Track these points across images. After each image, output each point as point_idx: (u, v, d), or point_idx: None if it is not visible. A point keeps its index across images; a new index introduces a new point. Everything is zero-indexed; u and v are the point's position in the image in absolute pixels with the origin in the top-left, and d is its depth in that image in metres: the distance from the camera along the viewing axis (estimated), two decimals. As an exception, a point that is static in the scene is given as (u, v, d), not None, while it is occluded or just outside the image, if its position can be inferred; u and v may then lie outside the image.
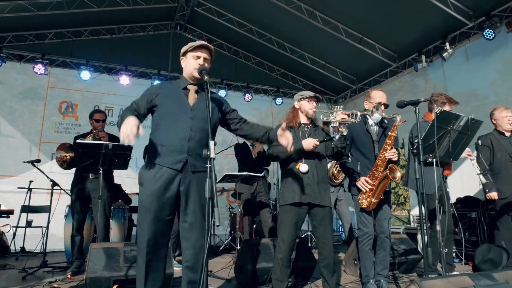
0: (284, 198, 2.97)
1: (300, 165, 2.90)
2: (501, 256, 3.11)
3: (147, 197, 2.21)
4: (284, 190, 3.00)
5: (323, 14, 6.76)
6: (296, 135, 3.05)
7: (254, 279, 3.39)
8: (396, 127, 2.90)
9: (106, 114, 4.49)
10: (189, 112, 2.33)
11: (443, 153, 2.59)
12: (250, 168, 4.79)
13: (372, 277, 3.23)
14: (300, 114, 3.14)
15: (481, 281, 1.61)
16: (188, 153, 2.26)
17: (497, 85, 5.59)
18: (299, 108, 3.15)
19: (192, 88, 2.42)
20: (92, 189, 4.07)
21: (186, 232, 2.27)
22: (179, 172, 2.25)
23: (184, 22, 8.23)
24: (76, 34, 7.49)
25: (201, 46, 2.40)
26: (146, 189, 2.23)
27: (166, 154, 2.26)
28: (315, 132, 3.11)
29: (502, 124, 3.85)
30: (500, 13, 5.41)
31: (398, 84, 7.62)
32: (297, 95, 3.21)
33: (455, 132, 2.57)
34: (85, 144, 3.63)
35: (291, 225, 2.91)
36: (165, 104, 2.36)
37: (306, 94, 3.12)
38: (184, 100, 2.37)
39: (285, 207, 2.96)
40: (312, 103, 3.10)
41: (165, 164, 2.25)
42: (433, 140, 2.36)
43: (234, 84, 8.61)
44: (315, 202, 2.90)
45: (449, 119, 2.54)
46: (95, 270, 2.95)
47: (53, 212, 4.52)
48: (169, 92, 2.41)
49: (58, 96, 7.34)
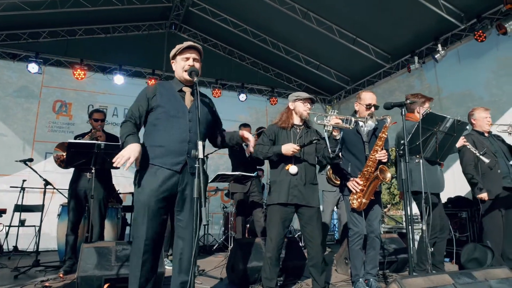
0: (271, 198, 3.05)
1: (289, 167, 2.96)
2: (486, 255, 3.17)
3: (145, 197, 2.22)
4: (272, 190, 3.07)
5: (317, 15, 6.80)
6: (288, 136, 3.09)
7: (245, 278, 3.42)
8: (387, 128, 2.94)
9: (105, 114, 4.50)
10: (188, 114, 2.36)
11: (429, 154, 2.64)
12: (244, 168, 4.81)
13: (362, 276, 3.28)
14: (294, 115, 3.17)
15: (461, 279, 1.65)
16: (187, 155, 2.30)
17: (492, 85, 5.67)
18: (293, 109, 3.18)
19: (187, 90, 2.45)
20: (89, 188, 4.07)
21: (182, 230, 2.31)
22: (177, 173, 2.28)
23: (179, 22, 8.24)
24: (71, 33, 7.47)
25: (188, 47, 2.44)
26: (144, 189, 2.24)
27: (165, 155, 2.28)
28: (307, 134, 3.15)
29: (482, 125, 3.91)
30: (490, 15, 5.48)
31: (395, 85, 7.68)
32: (292, 95, 3.22)
33: (441, 133, 2.62)
34: (77, 143, 3.65)
35: (278, 223, 2.96)
36: (163, 105, 2.36)
37: (301, 95, 3.15)
38: (181, 102, 2.40)
39: (272, 207, 3.02)
40: (306, 104, 3.12)
41: (164, 165, 2.27)
42: (419, 142, 2.40)
43: (229, 84, 8.62)
44: (302, 203, 2.97)
45: (435, 120, 2.58)
46: (86, 269, 2.97)
47: (46, 211, 4.53)
48: (166, 93, 2.42)
49: (52, 95, 7.32)
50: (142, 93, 2.44)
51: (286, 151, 2.92)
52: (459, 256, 4.38)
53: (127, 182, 7.07)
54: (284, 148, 2.94)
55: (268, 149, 3.02)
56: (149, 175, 2.25)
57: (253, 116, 8.87)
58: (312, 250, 2.98)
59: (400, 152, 2.35)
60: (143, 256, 2.20)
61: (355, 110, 3.48)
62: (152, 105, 2.37)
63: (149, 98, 2.39)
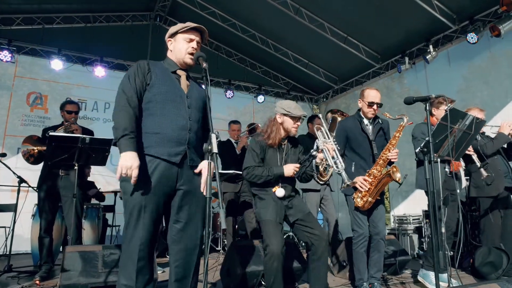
0: (260, 214, 2.77)
1: (276, 189, 2.73)
2: (501, 259, 3.10)
3: (140, 194, 1.92)
4: (260, 206, 2.79)
5: (309, 12, 6.67)
6: (274, 153, 2.84)
7: (243, 283, 3.20)
8: (403, 128, 2.80)
9: (79, 106, 4.15)
10: (186, 100, 2.09)
11: (446, 152, 2.52)
12: (236, 166, 4.59)
13: (366, 280, 3.13)
14: (281, 130, 2.85)
15: None
16: (187, 145, 2.03)
17: (475, 88, 5.74)
18: (281, 122, 2.83)
19: (182, 74, 2.18)
20: (62, 186, 3.71)
21: (177, 233, 2.02)
22: (176, 166, 2.01)
23: (165, 14, 7.91)
24: (47, 20, 6.97)
25: (194, 28, 2.17)
26: (138, 185, 1.91)
27: (161, 144, 1.98)
28: (291, 149, 2.93)
29: None
30: (483, 17, 5.51)
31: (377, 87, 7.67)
32: (281, 107, 2.82)
33: (460, 131, 2.51)
34: (60, 137, 3.30)
35: (277, 233, 2.67)
36: (159, 86, 2.05)
37: (293, 112, 2.76)
38: (178, 85, 2.12)
39: (265, 221, 2.73)
40: (297, 122, 2.82)
41: (161, 155, 1.97)
42: (439, 139, 2.28)
43: (215, 80, 8.36)
44: (292, 220, 2.80)
45: (457, 117, 2.47)
46: (70, 277, 2.66)
47: (19, 211, 4.14)
48: (160, 73, 2.10)
49: (26, 86, 6.81)
50: (135, 68, 2.05)
51: (288, 173, 2.71)
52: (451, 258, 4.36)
53: (104, 180, 6.69)
54: (286, 170, 2.71)
55: (267, 172, 2.73)
56: (142, 167, 1.91)
57: (239, 113, 8.63)
58: (315, 240, 2.72)
59: (424, 150, 2.21)
60: (138, 262, 1.90)
61: (359, 108, 3.34)
62: (147, 81, 2.03)
63: (144, 70, 2.04)
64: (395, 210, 6.94)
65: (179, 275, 2.02)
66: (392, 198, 7.29)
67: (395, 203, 7.07)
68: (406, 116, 2.72)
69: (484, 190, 3.55)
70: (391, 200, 7.32)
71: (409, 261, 4.12)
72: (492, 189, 3.47)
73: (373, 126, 3.26)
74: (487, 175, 3.41)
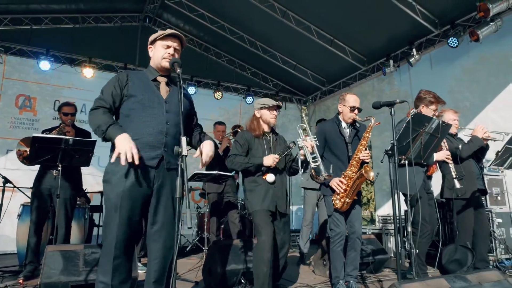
0: (252, 205, 3.02)
1: (266, 176, 3.00)
2: (467, 256, 3.22)
3: (117, 195, 2.02)
4: (251, 199, 3.04)
5: (296, 15, 6.77)
6: (260, 144, 3.14)
7: (224, 281, 3.28)
8: (371, 129, 2.91)
9: (76, 108, 4.20)
10: (164, 105, 2.19)
11: (414, 155, 2.63)
12: (220, 167, 4.66)
13: (342, 278, 3.23)
14: (262, 123, 3.19)
15: (456, 283, 1.62)
16: (164, 148, 2.13)
17: (455, 92, 5.88)
18: (259, 117, 3.20)
19: (162, 80, 2.29)
20: (55, 186, 3.76)
21: (155, 233, 2.13)
22: (153, 169, 2.11)
23: (154, 15, 7.95)
24: (36, 21, 6.98)
25: (171, 35, 2.28)
26: (116, 186, 2.03)
27: (139, 148, 2.05)
28: (276, 141, 3.23)
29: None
30: (464, 22, 5.65)
31: (367, 89, 7.79)
32: (257, 103, 3.21)
33: (427, 134, 2.62)
34: (42, 138, 3.36)
35: (268, 223, 2.93)
36: (137, 95, 2.17)
37: (267, 103, 3.15)
38: (156, 91, 2.23)
39: (256, 211, 2.99)
40: (273, 112, 3.16)
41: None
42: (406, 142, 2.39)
43: (204, 81, 8.42)
44: (281, 210, 3.05)
45: (423, 121, 2.58)
46: (50, 275, 2.72)
47: (4, 211, 4.17)
48: (139, 82, 2.23)
49: (14, 87, 6.80)
50: (113, 80, 2.23)
51: (268, 163, 2.97)
52: (431, 257, 4.47)
53: (94, 181, 6.72)
54: (266, 160, 2.98)
55: (247, 161, 3.04)
56: (121, 170, 2.03)
57: (227, 115, 8.69)
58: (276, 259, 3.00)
59: (389, 152, 2.31)
60: (114, 260, 2.00)
61: (338, 112, 3.44)
62: (124, 93, 2.17)
63: (121, 86, 2.18)
64: (380, 210, 7.07)
65: (157, 272, 2.11)
66: (377, 198, 7.42)
67: (381, 203, 7.20)
68: (373, 118, 2.85)
69: (457, 192, 3.67)
70: (376, 200, 7.44)
71: (387, 260, 4.23)
72: (465, 191, 3.59)
73: (351, 130, 3.36)
74: (460, 187, 3.53)
